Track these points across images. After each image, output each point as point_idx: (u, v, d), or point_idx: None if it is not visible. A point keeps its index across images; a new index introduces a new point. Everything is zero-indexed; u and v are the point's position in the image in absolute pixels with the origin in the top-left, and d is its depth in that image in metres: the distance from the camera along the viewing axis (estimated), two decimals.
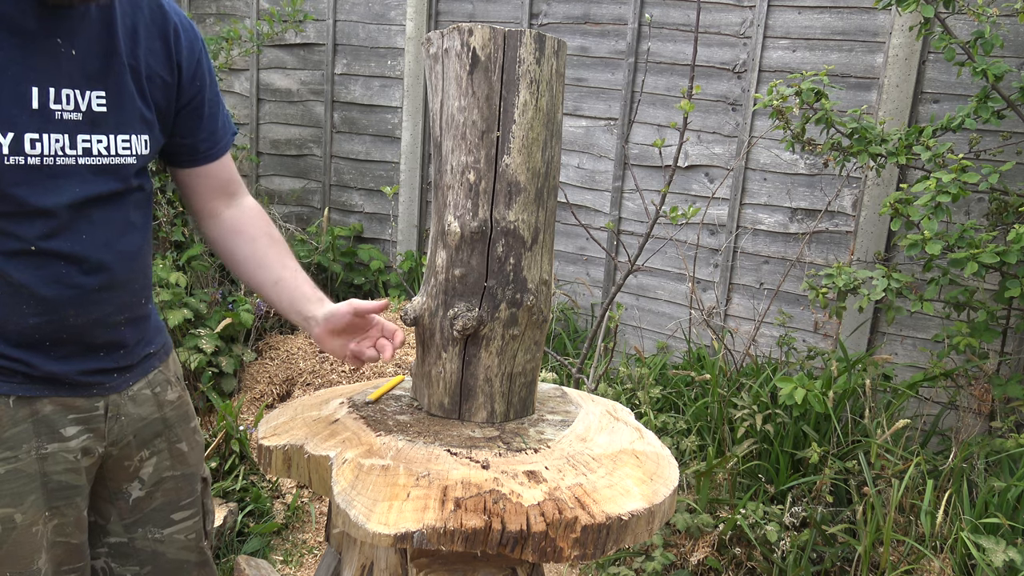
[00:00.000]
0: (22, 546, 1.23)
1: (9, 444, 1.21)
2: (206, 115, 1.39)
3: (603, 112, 3.94)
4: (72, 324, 1.23)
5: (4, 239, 1.14)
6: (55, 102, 1.14)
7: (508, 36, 1.28)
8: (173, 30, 1.30)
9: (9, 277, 1.16)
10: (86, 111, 1.18)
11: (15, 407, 1.21)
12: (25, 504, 1.23)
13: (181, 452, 1.45)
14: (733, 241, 3.65)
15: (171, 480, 1.43)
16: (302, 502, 2.91)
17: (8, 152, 1.11)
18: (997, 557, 2.10)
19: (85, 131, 1.18)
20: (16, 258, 1.16)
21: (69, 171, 1.17)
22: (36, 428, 1.23)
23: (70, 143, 1.17)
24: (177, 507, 1.45)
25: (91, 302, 1.23)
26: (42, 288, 1.18)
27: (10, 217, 1.14)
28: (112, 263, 1.25)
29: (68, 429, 1.26)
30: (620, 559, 2.55)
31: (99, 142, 1.20)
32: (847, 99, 3.33)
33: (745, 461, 2.74)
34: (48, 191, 1.15)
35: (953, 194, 2.43)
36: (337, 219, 4.84)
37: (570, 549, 1.12)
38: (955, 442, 2.79)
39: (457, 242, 1.34)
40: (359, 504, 1.12)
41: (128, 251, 1.28)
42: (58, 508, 1.27)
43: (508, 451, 1.29)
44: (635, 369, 3.11)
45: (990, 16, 2.57)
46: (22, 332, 1.20)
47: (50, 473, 1.25)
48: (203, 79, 1.36)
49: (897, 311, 2.71)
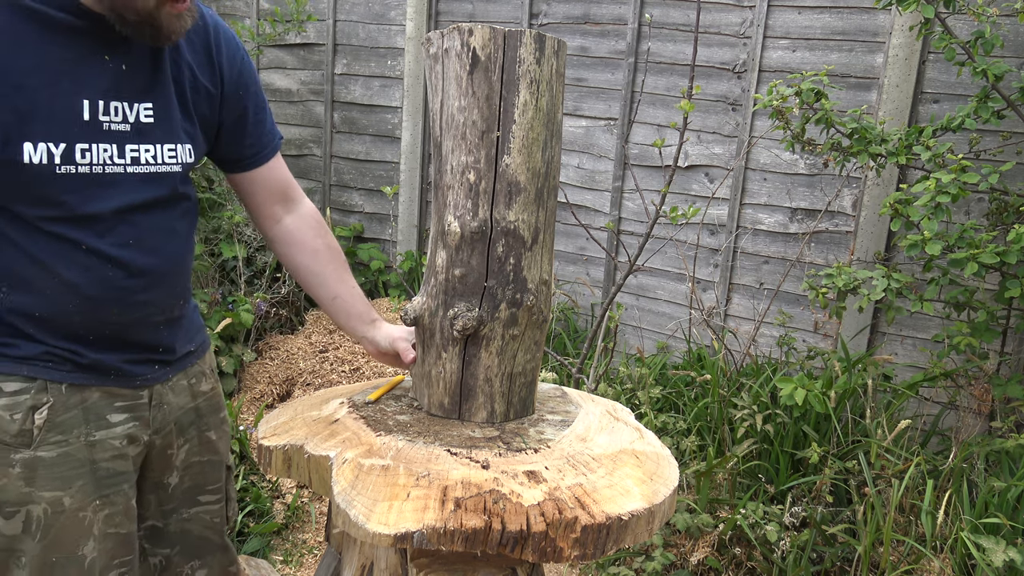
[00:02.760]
0: (69, 531, 1.29)
1: (61, 429, 1.27)
2: (251, 121, 1.45)
3: (603, 112, 3.94)
4: (114, 322, 1.29)
5: (57, 241, 1.21)
6: (104, 114, 1.21)
7: (508, 36, 1.28)
8: (215, 41, 1.37)
9: (60, 275, 1.23)
10: (134, 122, 1.25)
11: (67, 394, 1.28)
12: (73, 488, 1.28)
13: (210, 440, 1.52)
14: (733, 241, 3.65)
15: (198, 465, 1.50)
16: (302, 502, 2.91)
17: (60, 161, 1.17)
18: (997, 557, 2.10)
19: (133, 141, 1.25)
20: (67, 258, 1.22)
21: (118, 179, 1.24)
22: (85, 415, 1.29)
23: (118, 152, 1.23)
24: (203, 490, 1.52)
25: (133, 303, 1.30)
26: (88, 288, 1.24)
27: (62, 222, 1.21)
28: (155, 268, 1.31)
29: (114, 416, 1.33)
30: (620, 559, 2.55)
31: (146, 151, 1.27)
32: (847, 99, 3.33)
33: (745, 461, 2.74)
34: (97, 198, 1.22)
35: (953, 194, 2.43)
36: (337, 219, 4.84)
37: (570, 549, 1.12)
38: (955, 442, 2.79)
39: (457, 242, 1.34)
40: (359, 504, 1.12)
41: (171, 256, 1.34)
42: (107, 497, 1.32)
43: (508, 451, 1.29)
44: (635, 369, 3.11)
45: (990, 16, 2.57)
46: (67, 326, 1.26)
47: (98, 460, 1.31)
48: (246, 87, 1.42)
49: (897, 311, 2.71)
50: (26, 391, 1.25)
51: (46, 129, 1.16)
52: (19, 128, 1.14)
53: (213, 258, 4.03)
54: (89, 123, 1.19)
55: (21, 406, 1.24)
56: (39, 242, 1.21)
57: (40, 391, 1.26)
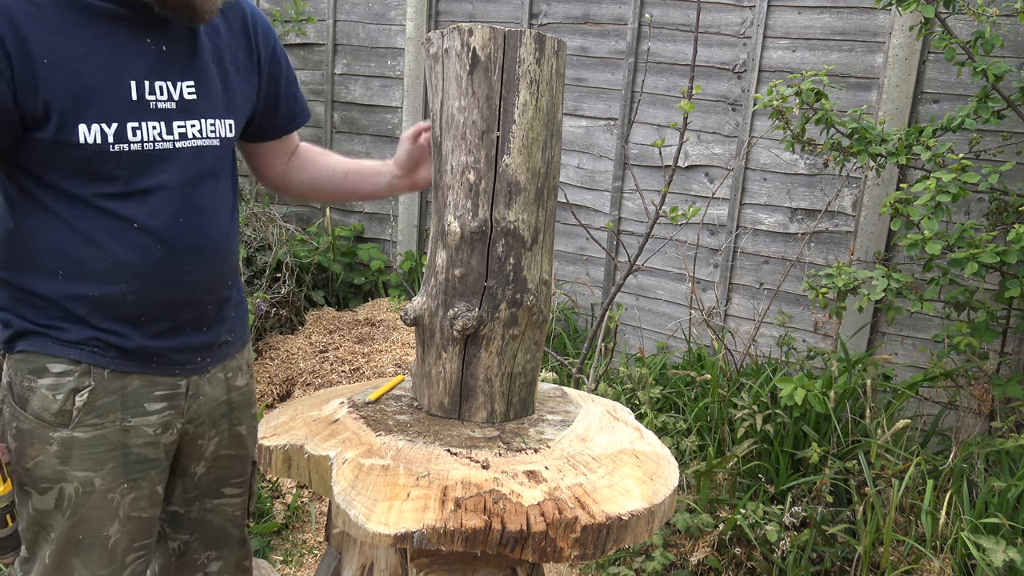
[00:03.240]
0: (97, 510, 1.35)
1: (99, 412, 1.32)
2: (283, 96, 1.53)
3: (603, 112, 3.94)
4: (165, 302, 1.34)
5: (112, 219, 1.27)
6: (150, 93, 1.28)
7: (508, 36, 1.28)
8: (252, 23, 1.45)
9: (114, 254, 1.28)
10: (179, 100, 1.31)
11: (109, 379, 1.32)
12: (104, 470, 1.34)
13: (239, 434, 1.54)
14: (733, 241, 3.65)
15: (226, 458, 1.54)
16: (302, 502, 2.91)
17: (113, 140, 1.24)
18: (997, 557, 2.10)
19: (179, 118, 1.31)
20: (120, 237, 1.28)
21: (168, 155, 1.30)
22: (123, 401, 1.34)
23: (167, 129, 1.30)
24: (228, 483, 1.56)
25: (183, 283, 1.34)
26: (141, 267, 1.29)
27: (116, 198, 1.26)
28: (203, 246, 1.36)
29: (152, 404, 1.37)
30: (620, 559, 2.55)
31: (192, 126, 1.33)
32: (847, 99, 3.33)
33: (745, 461, 2.74)
34: (149, 174, 1.28)
35: (953, 194, 2.42)
36: (337, 219, 4.84)
37: (570, 549, 1.12)
38: (955, 442, 2.79)
39: (457, 242, 1.34)
40: (359, 504, 1.12)
41: (218, 234, 1.39)
42: (135, 481, 1.37)
43: (508, 451, 1.29)
44: (635, 369, 3.11)
45: (990, 16, 2.57)
46: (120, 307, 1.31)
47: (131, 445, 1.36)
48: (279, 65, 1.51)
49: (897, 311, 2.71)
50: (70, 373, 1.30)
51: (99, 111, 1.22)
52: (74, 112, 1.20)
53: None
54: (137, 102, 1.26)
55: (64, 387, 1.30)
56: (93, 222, 1.26)
57: (84, 374, 1.31)
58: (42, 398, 1.30)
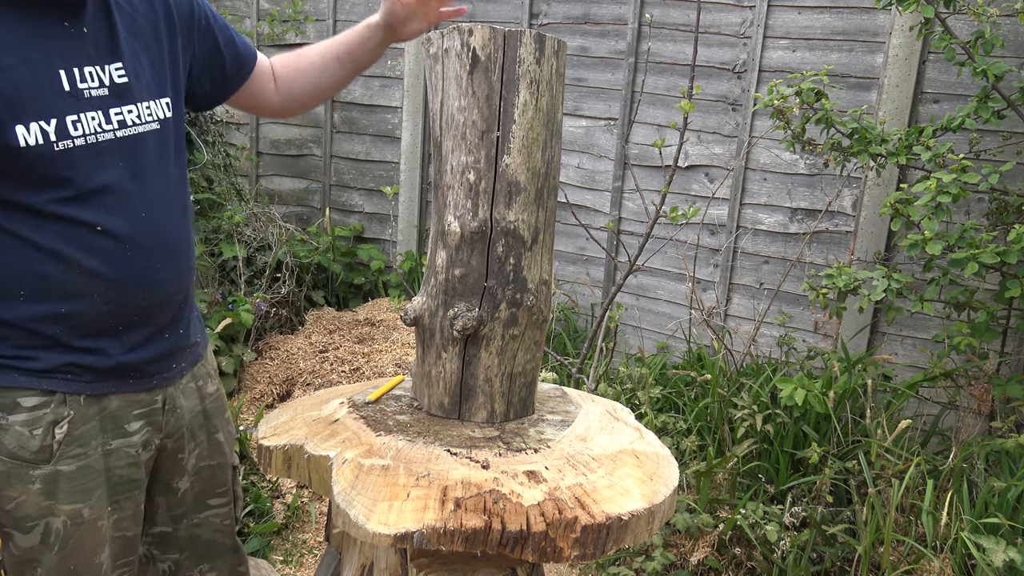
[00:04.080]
0: (87, 540, 1.29)
1: (80, 441, 1.25)
2: (223, 45, 1.44)
3: (603, 112, 3.94)
4: (143, 306, 1.27)
5: (72, 226, 1.17)
6: (81, 81, 1.17)
7: (508, 36, 1.28)
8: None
9: (80, 264, 1.18)
10: (111, 85, 1.21)
11: (86, 405, 1.25)
12: (92, 499, 1.28)
13: (218, 442, 1.51)
14: (733, 241, 3.65)
15: (208, 469, 1.50)
16: (302, 502, 2.91)
17: (56, 138, 1.14)
18: (997, 557, 2.10)
19: (114, 104, 1.21)
20: (85, 244, 1.18)
21: (111, 146, 1.21)
22: (103, 424, 1.28)
23: (105, 119, 1.20)
24: (213, 494, 1.52)
25: (156, 283, 1.28)
26: (111, 273, 1.21)
27: (72, 202, 1.17)
28: (169, 239, 1.29)
29: (132, 424, 1.31)
30: (620, 559, 2.55)
31: (129, 112, 1.24)
32: (847, 99, 3.33)
33: (745, 461, 2.74)
34: (99, 168, 1.19)
35: (954, 194, 2.42)
36: (337, 219, 4.84)
37: (570, 549, 1.12)
38: (955, 442, 2.79)
39: (457, 242, 1.34)
40: (359, 504, 1.12)
41: (179, 223, 1.32)
42: (119, 503, 1.32)
43: (508, 451, 1.29)
44: (635, 369, 3.11)
45: (990, 16, 2.57)
46: (96, 320, 1.23)
47: (113, 468, 1.30)
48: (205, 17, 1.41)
49: (897, 311, 2.71)
50: (45, 405, 1.22)
51: (34, 108, 1.12)
52: (8, 112, 1.10)
53: (213, 258, 4.03)
54: (71, 93, 1.16)
55: (41, 421, 1.22)
56: (50, 232, 1.16)
57: (60, 404, 1.23)
58: (17, 436, 1.20)
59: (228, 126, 4.74)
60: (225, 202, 4.16)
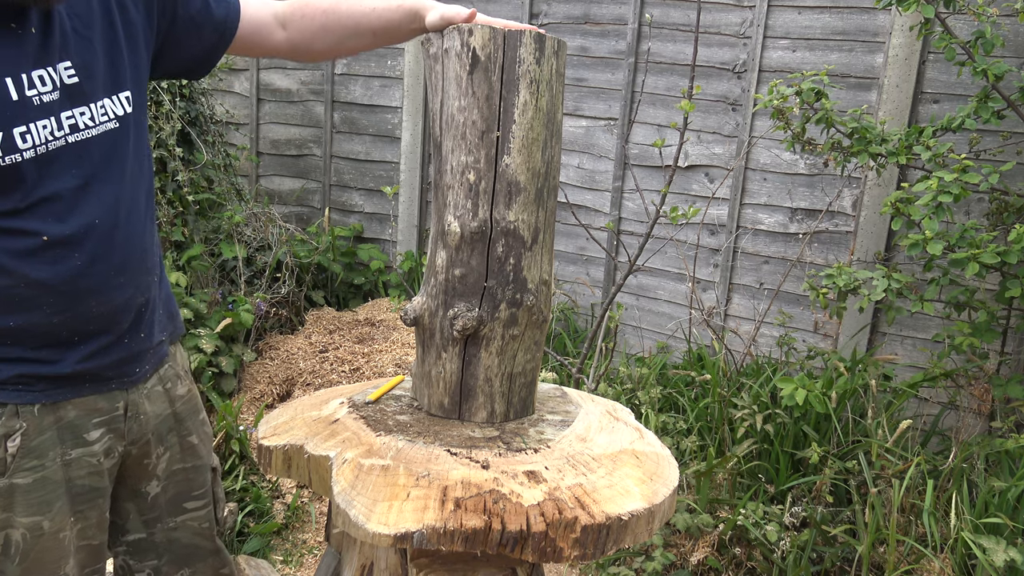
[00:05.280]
0: (49, 552, 1.25)
1: (36, 453, 1.21)
2: (199, 10, 1.32)
3: (603, 112, 3.94)
4: (98, 314, 1.21)
5: (16, 237, 1.11)
6: (30, 88, 1.09)
7: (508, 36, 1.28)
8: None
9: (27, 277, 1.13)
10: (61, 86, 1.13)
11: (40, 415, 1.20)
12: (52, 511, 1.24)
13: (192, 445, 1.47)
14: (733, 241, 3.65)
15: (182, 472, 1.46)
16: (302, 502, 2.90)
17: (3, 153, 1.07)
18: (998, 557, 2.10)
19: (66, 107, 1.13)
20: (31, 256, 1.12)
21: (62, 153, 1.13)
22: (60, 435, 1.23)
23: (57, 125, 1.12)
24: (189, 496, 1.48)
25: (111, 288, 1.21)
26: (60, 283, 1.15)
27: (17, 215, 1.11)
28: (128, 243, 1.22)
29: (92, 433, 1.26)
30: (620, 559, 2.55)
31: (82, 115, 1.15)
32: (847, 99, 3.33)
33: (745, 461, 2.74)
34: (49, 178, 1.12)
35: (955, 194, 2.42)
36: (337, 219, 4.84)
37: (570, 549, 1.12)
38: (955, 442, 2.79)
39: (457, 242, 1.34)
40: (359, 504, 1.12)
41: (139, 225, 1.25)
42: (82, 512, 1.28)
43: (508, 451, 1.29)
44: (635, 369, 3.11)
45: (990, 16, 2.57)
46: (48, 332, 1.17)
47: (74, 478, 1.26)
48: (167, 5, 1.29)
49: (897, 311, 2.71)
50: None
51: None
52: None
53: (213, 258, 4.03)
54: (19, 102, 1.08)
55: None
56: (1, 247, 1.11)
57: (11, 417, 1.18)
58: None
59: (228, 126, 4.74)
60: (225, 202, 4.16)
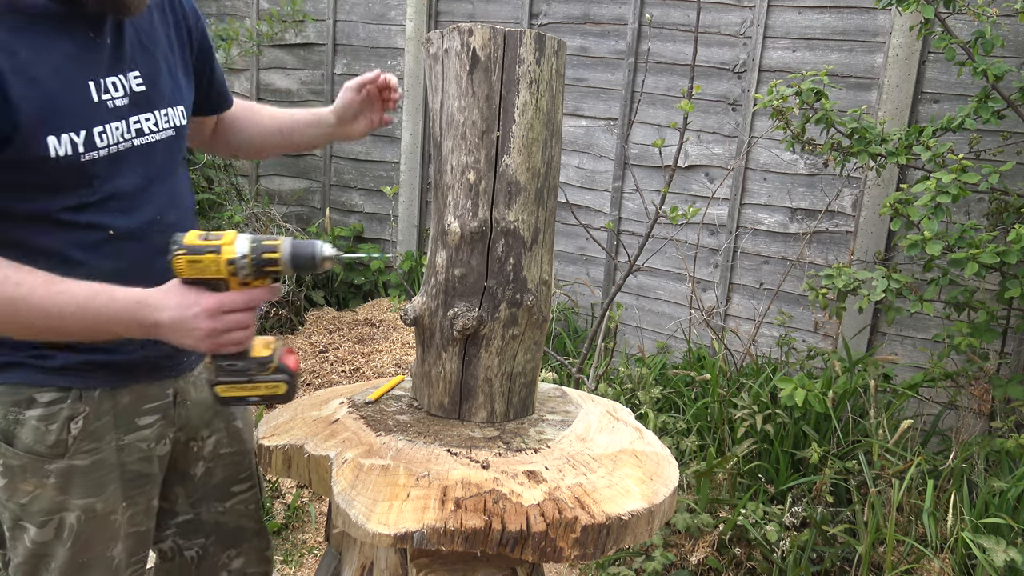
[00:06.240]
0: (100, 534, 1.31)
1: (94, 437, 1.28)
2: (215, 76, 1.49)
3: (603, 112, 3.94)
4: None
5: (86, 231, 1.20)
6: (105, 92, 1.20)
7: (508, 36, 1.28)
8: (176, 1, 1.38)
9: (98, 268, 1.20)
10: (130, 94, 1.24)
11: (99, 400, 1.28)
12: (106, 494, 1.30)
13: (237, 430, 1.53)
14: (733, 241, 3.65)
15: (229, 456, 1.52)
16: (302, 502, 2.90)
17: (84, 150, 1.16)
18: (998, 557, 2.10)
19: (134, 112, 1.25)
20: (98, 248, 1.21)
21: (130, 154, 1.24)
22: (116, 420, 1.30)
23: (126, 128, 1.23)
24: (236, 480, 1.54)
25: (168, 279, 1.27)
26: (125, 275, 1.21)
27: (87, 209, 1.19)
28: None
29: (143, 419, 1.34)
30: (620, 559, 2.55)
31: (147, 120, 1.27)
32: (847, 99, 3.32)
33: (745, 461, 2.74)
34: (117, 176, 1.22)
35: (954, 194, 2.42)
36: (337, 219, 4.84)
37: (570, 549, 1.12)
38: (955, 442, 2.79)
39: (457, 242, 1.34)
40: (359, 504, 1.12)
41: (188, 224, 1.34)
42: (132, 497, 1.35)
43: (508, 451, 1.29)
44: (635, 369, 3.11)
45: (990, 16, 2.57)
46: None
47: (126, 463, 1.33)
48: (207, 43, 1.46)
49: (897, 311, 2.71)
50: (61, 401, 1.24)
51: (66, 119, 1.14)
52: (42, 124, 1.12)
53: None
54: (98, 104, 1.19)
55: (57, 417, 1.24)
56: (61, 238, 1.19)
57: (75, 401, 1.25)
58: (33, 430, 1.23)
59: None
60: (225, 202, 4.16)
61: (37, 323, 1.12)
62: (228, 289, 1.14)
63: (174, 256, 1.11)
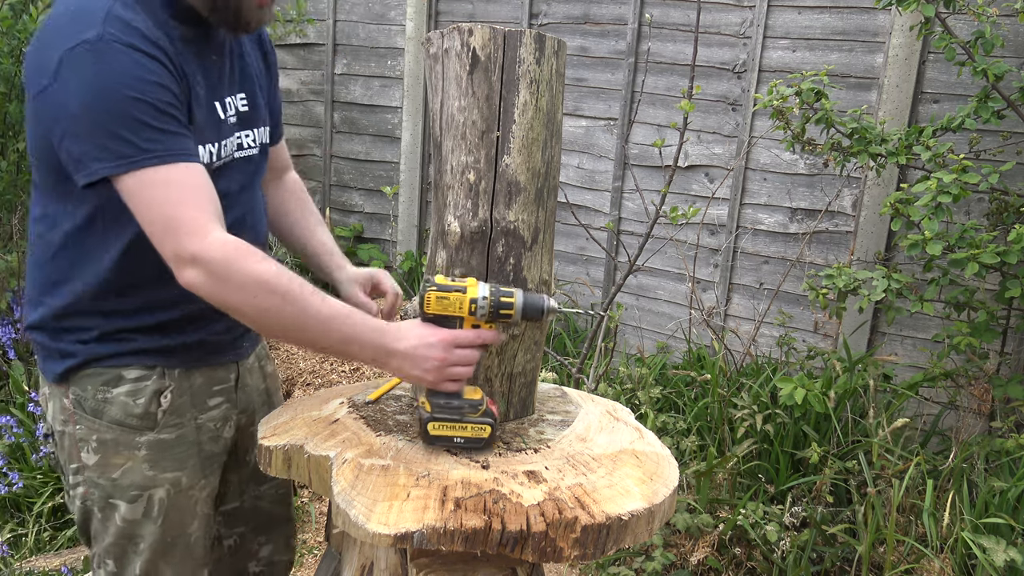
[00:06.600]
0: (184, 512, 1.40)
1: (178, 412, 1.37)
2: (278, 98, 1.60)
3: (603, 112, 3.94)
4: None
5: None
6: (224, 111, 1.35)
7: (508, 36, 1.28)
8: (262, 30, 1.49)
9: None
10: (237, 113, 1.39)
11: (180, 378, 1.37)
12: (188, 468, 1.39)
13: None
14: (733, 241, 3.65)
15: None
16: (302, 502, 2.91)
17: (213, 160, 1.31)
18: (998, 557, 2.10)
19: (238, 129, 1.39)
20: None
21: (234, 164, 1.38)
22: (193, 399, 1.40)
23: (235, 142, 1.39)
24: None
25: None
26: None
27: None
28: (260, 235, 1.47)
29: (213, 399, 1.44)
30: (620, 559, 2.55)
31: (246, 136, 1.42)
32: (847, 99, 3.32)
33: (745, 461, 2.74)
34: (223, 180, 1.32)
35: (954, 194, 2.42)
36: (337, 219, 4.84)
37: (570, 549, 1.12)
38: (955, 442, 2.79)
39: (457, 242, 1.34)
40: (359, 504, 1.12)
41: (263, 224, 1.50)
42: (207, 477, 1.43)
43: (508, 451, 1.29)
44: (635, 369, 3.11)
45: (990, 16, 2.57)
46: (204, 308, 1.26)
47: (202, 442, 1.42)
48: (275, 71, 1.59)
49: (897, 311, 2.71)
50: (147, 377, 1.34)
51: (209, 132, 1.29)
52: (199, 135, 1.26)
53: None
54: (223, 120, 1.33)
55: (145, 391, 1.33)
56: None
57: (160, 377, 1.35)
58: (123, 404, 1.32)
59: None
60: None
61: (309, 323, 1.18)
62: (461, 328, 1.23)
63: (427, 291, 1.22)
